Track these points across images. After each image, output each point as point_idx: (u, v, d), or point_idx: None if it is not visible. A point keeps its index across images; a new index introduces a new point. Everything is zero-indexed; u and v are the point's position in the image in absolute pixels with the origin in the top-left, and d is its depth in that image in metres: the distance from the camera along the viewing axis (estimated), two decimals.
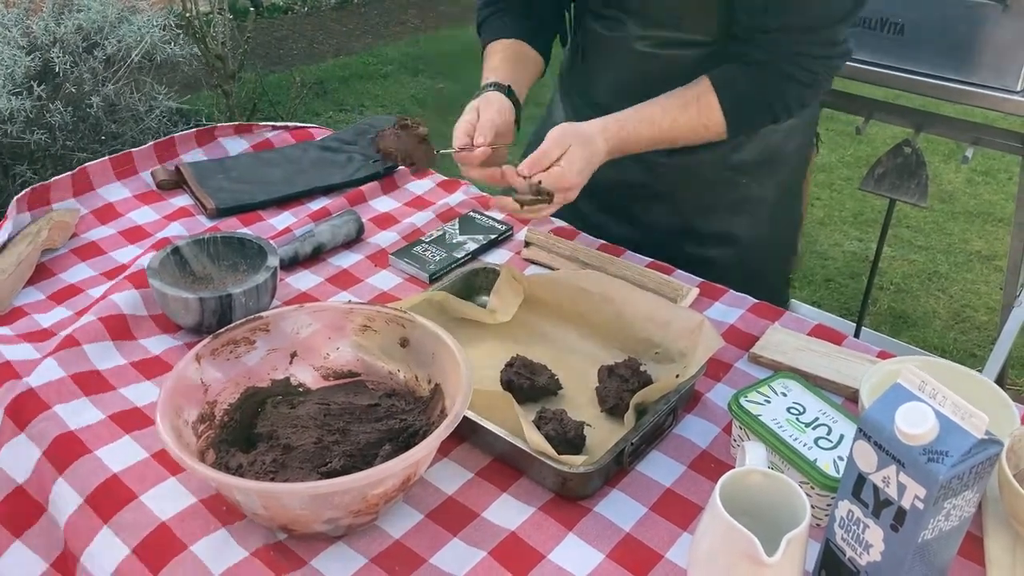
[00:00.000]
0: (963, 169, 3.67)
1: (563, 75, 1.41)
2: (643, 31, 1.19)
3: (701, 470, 0.89)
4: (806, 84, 1.11)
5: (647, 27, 1.19)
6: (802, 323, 1.11)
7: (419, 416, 0.88)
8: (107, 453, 0.86)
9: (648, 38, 1.19)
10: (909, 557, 0.65)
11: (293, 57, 4.90)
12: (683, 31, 1.17)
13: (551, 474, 0.83)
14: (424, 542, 0.80)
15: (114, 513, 0.80)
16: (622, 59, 1.23)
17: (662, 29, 1.18)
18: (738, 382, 1.01)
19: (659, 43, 1.19)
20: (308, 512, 0.75)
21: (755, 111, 1.13)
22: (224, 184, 1.38)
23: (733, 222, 1.32)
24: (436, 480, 0.87)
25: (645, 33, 1.19)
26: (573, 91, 1.37)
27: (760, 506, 0.73)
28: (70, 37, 2.78)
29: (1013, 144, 1.60)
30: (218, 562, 0.76)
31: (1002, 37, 1.43)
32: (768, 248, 1.37)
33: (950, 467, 0.61)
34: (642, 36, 1.20)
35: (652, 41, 1.19)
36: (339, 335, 0.95)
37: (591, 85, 1.31)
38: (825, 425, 0.85)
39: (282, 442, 0.85)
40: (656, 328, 1.02)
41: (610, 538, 0.81)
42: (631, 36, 1.20)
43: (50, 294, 1.14)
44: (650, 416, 0.88)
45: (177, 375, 0.83)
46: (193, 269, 1.12)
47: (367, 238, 1.29)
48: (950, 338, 2.68)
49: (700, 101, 1.11)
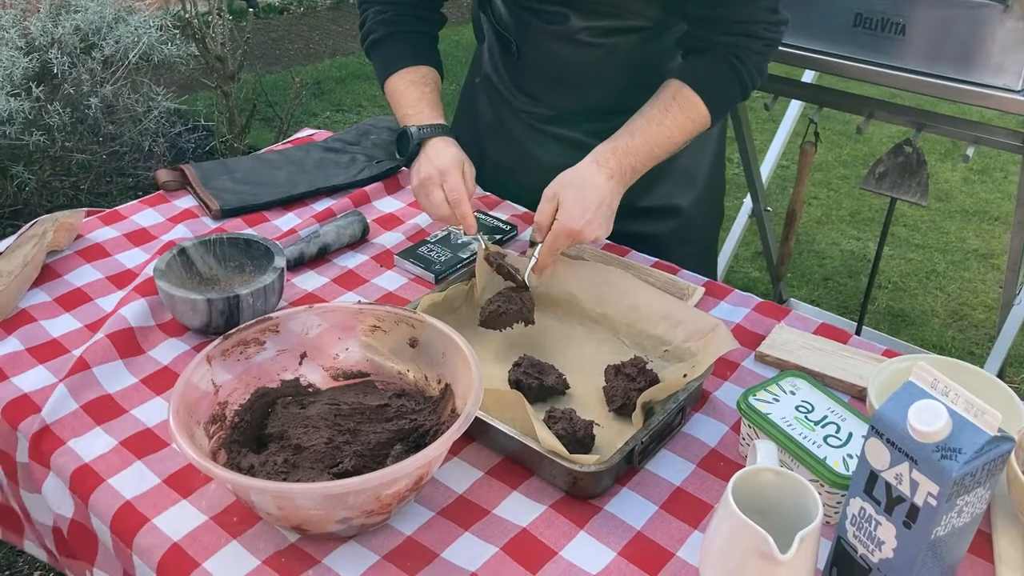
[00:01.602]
0: (960, 168, 3.68)
1: (487, 73, 1.42)
2: (586, 22, 1.21)
3: (710, 468, 0.89)
4: (761, 52, 1.16)
5: (590, 18, 1.20)
6: (807, 322, 1.11)
7: (429, 416, 0.88)
8: (120, 481, 0.86)
9: (591, 29, 1.21)
10: (922, 554, 0.66)
11: (290, 57, 4.89)
12: (625, 19, 1.20)
13: (562, 473, 0.84)
14: (436, 538, 0.80)
15: (131, 539, 0.81)
16: (563, 51, 1.25)
17: (605, 19, 1.20)
18: (745, 381, 1.01)
19: (601, 32, 1.21)
20: (322, 512, 0.75)
21: (728, 90, 1.17)
22: (228, 185, 1.38)
23: (675, 194, 1.36)
24: (446, 479, 0.87)
25: (588, 24, 1.21)
26: (504, 87, 1.38)
27: (772, 504, 0.73)
28: (68, 38, 2.77)
29: (1013, 143, 1.61)
30: (231, 574, 0.77)
31: (1002, 37, 1.43)
32: (705, 216, 1.43)
33: (963, 464, 0.61)
34: (585, 27, 1.21)
35: (595, 31, 1.21)
36: (348, 335, 0.95)
37: (528, 78, 1.33)
38: (834, 423, 0.86)
39: (293, 442, 0.85)
40: (669, 326, 1.02)
41: (621, 536, 0.81)
42: (573, 28, 1.21)
43: (56, 297, 1.14)
44: (659, 415, 0.88)
45: (188, 377, 0.83)
46: (199, 270, 1.12)
47: (372, 239, 1.29)
48: (948, 336, 2.69)
49: (677, 99, 1.13)
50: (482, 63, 1.43)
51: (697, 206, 1.40)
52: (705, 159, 1.38)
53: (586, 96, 1.29)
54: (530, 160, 1.36)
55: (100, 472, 0.87)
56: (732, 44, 1.14)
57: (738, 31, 1.14)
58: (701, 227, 1.44)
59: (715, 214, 1.49)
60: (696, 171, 1.37)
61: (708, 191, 1.41)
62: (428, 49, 1.28)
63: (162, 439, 0.92)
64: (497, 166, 1.43)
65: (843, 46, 1.61)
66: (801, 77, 2.06)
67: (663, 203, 1.36)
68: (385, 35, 1.27)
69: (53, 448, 0.90)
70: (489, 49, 1.40)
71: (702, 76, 1.15)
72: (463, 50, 4.96)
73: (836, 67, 1.64)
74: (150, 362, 1.03)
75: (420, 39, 1.28)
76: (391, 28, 1.27)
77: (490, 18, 1.35)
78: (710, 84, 1.14)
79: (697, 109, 1.14)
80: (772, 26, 1.15)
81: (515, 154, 1.39)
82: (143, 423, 0.94)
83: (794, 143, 2.36)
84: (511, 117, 1.38)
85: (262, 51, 4.89)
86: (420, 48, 1.27)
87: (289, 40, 5.19)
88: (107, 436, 0.92)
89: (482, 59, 1.43)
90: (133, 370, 1.01)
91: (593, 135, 1.17)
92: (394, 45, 1.27)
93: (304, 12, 5.65)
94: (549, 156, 1.32)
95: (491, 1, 1.33)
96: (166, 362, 1.03)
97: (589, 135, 1.23)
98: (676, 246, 1.36)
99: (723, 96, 1.17)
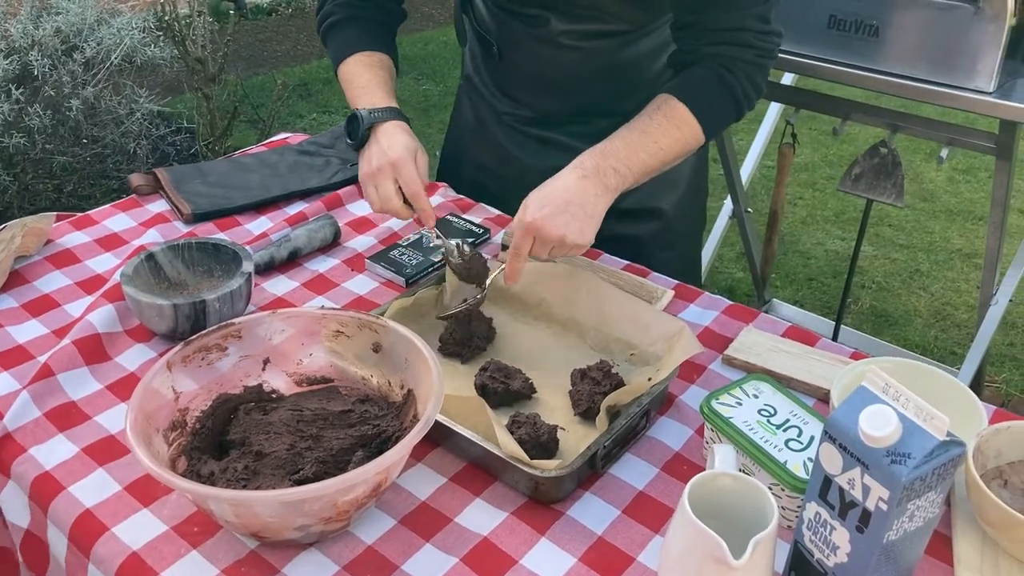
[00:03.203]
0: (945, 168, 3.70)
1: (469, 75, 1.41)
2: (567, 25, 1.20)
3: (674, 472, 0.89)
4: (753, 63, 1.10)
5: (571, 22, 1.19)
6: (776, 324, 1.12)
7: (392, 421, 0.88)
8: (80, 489, 0.86)
9: (572, 32, 1.20)
10: (875, 558, 0.66)
11: (277, 59, 4.88)
12: (607, 22, 1.19)
13: (524, 478, 0.84)
14: (397, 548, 0.80)
15: (90, 547, 0.80)
16: (545, 53, 1.24)
17: (586, 23, 1.19)
18: (711, 384, 1.01)
19: (583, 35, 1.20)
20: (279, 519, 0.75)
21: (717, 100, 1.11)
22: (201, 189, 1.38)
23: (656, 195, 1.34)
24: (409, 485, 0.87)
25: (569, 27, 1.20)
26: (485, 91, 1.38)
27: (729, 509, 0.73)
28: (48, 40, 2.76)
29: (987, 144, 1.62)
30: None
31: (974, 39, 1.44)
32: (687, 219, 1.41)
33: (912, 469, 0.62)
34: (566, 31, 1.20)
35: (576, 35, 1.20)
36: (312, 341, 0.94)
37: (510, 81, 1.33)
38: (796, 427, 0.86)
39: (254, 449, 0.85)
40: (636, 330, 1.02)
41: (582, 542, 0.81)
42: (555, 31, 1.20)
43: (24, 303, 1.13)
44: (623, 419, 0.88)
45: (147, 383, 0.82)
46: (168, 275, 1.12)
47: (344, 242, 1.29)
48: (931, 336, 2.70)
49: (662, 109, 1.08)
50: (464, 65, 1.43)
51: (679, 208, 1.39)
52: (687, 162, 1.34)
53: (568, 98, 1.29)
54: (512, 162, 1.36)
55: (60, 480, 0.86)
56: (719, 54, 1.10)
57: (726, 39, 1.09)
58: (683, 230, 1.43)
59: (698, 217, 1.48)
60: (678, 173, 1.35)
61: (691, 193, 1.40)
62: (385, 37, 1.25)
63: (125, 446, 0.91)
64: (479, 168, 1.42)
65: (818, 47, 1.62)
66: (780, 79, 2.06)
67: (644, 205, 1.34)
68: (344, 19, 1.24)
69: (14, 456, 0.89)
70: (471, 51, 1.40)
71: (688, 86, 1.11)
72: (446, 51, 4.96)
73: (812, 69, 1.64)
74: (116, 368, 1.02)
75: (377, 28, 1.25)
76: (350, 12, 1.24)
77: (471, 20, 1.34)
78: (697, 94, 1.10)
79: (684, 118, 1.08)
80: (763, 35, 1.09)
81: (497, 156, 1.39)
82: (106, 430, 0.93)
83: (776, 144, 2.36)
84: (493, 119, 1.38)
85: (249, 52, 4.88)
86: (377, 35, 1.24)
87: (277, 41, 5.18)
88: (69, 443, 0.91)
89: (464, 61, 1.43)
90: (99, 376, 1.01)
91: (575, 136, 1.16)
92: (351, 29, 1.23)
93: (292, 13, 5.64)
94: (531, 158, 1.33)
95: (472, 3, 1.33)
96: (132, 368, 1.02)
97: (572, 137, 1.23)
98: (658, 249, 1.35)
99: (712, 106, 1.11)
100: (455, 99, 1.50)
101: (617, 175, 1.04)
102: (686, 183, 1.38)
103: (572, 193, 1.00)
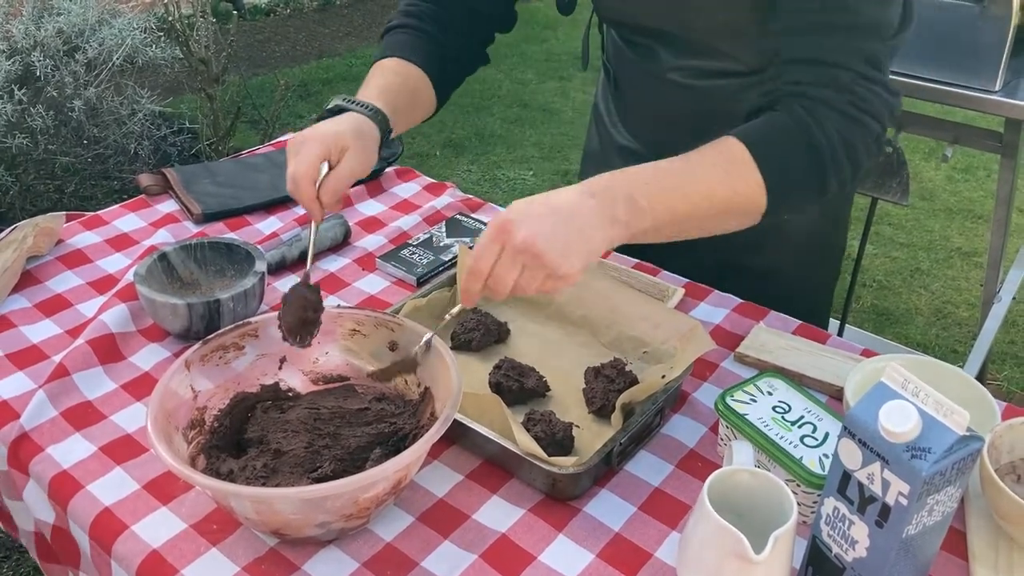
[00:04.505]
0: (944, 167, 3.71)
1: (597, 102, 1.33)
2: (677, 60, 1.09)
3: (689, 469, 0.89)
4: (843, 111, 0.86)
5: (681, 56, 1.08)
6: (787, 322, 1.12)
7: (409, 419, 0.89)
8: (98, 487, 0.86)
9: (682, 68, 1.09)
10: (894, 552, 0.66)
11: (276, 60, 4.88)
12: (719, 59, 1.06)
13: (541, 475, 0.84)
14: (416, 545, 0.81)
15: (110, 545, 0.81)
16: (656, 90, 1.13)
17: (697, 58, 1.07)
18: (724, 381, 1.02)
19: (695, 73, 1.09)
20: (300, 516, 0.75)
21: (788, 145, 0.87)
22: (210, 189, 1.38)
23: (777, 258, 1.21)
24: (427, 483, 0.87)
25: (679, 63, 1.09)
26: (607, 119, 1.29)
27: (747, 504, 0.74)
28: (51, 40, 2.76)
29: (992, 143, 1.63)
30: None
31: (979, 37, 1.44)
32: (809, 280, 1.26)
33: (932, 463, 0.62)
34: (676, 67, 1.09)
35: (687, 72, 1.09)
36: (328, 339, 0.95)
37: (627, 115, 1.23)
38: (810, 423, 0.86)
39: (272, 447, 0.85)
40: (648, 328, 1.03)
41: (600, 538, 0.81)
42: (664, 66, 1.10)
43: (36, 303, 1.13)
44: (638, 416, 0.89)
45: (166, 383, 0.83)
46: (180, 275, 1.12)
47: (354, 242, 1.29)
48: (932, 334, 2.71)
49: (717, 146, 0.86)
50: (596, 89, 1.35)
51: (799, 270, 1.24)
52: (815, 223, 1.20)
53: (680, 140, 0.95)
54: None
55: (79, 478, 0.87)
56: (803, 94, 0.87)
57: (815, 76, 0.87)
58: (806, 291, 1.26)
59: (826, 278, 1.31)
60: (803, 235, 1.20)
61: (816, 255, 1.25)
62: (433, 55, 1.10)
63: (142, 445, 0.92)
64: None
65: None
66: None
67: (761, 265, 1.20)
68: (405, 26, 1.11)
69: (32, 455, 0.90)
70: (600, 77, 1.32)
71: (754, 127, 0.88)
72: None
73: None
74: (130, 368, 1.03)
75: (430, 45, 1.11)
76: (415, 23, 1.11)
77: (601, 41, 1.26)
78: (762, 136, 0.87)
79: (738, 158, 0.85)
80: (865, 81, 0.86)
81: None
82: (123, 429, 0.94)
83: None
84: (613, 149, 1.28)
85: (248, 53, 4.88)
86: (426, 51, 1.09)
87: (275, 42, 5.18)
88: (86, 442, 0.91)
89: (596, 85, 1.35)
90: (113, 376, 1.01)
91: None
92: (405, 36, 1.11)
93: (290, 14, 5.63)
94: None
95: (602, 27, 1.24)
96: (147, 368, 1.03)
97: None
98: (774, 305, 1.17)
99: (778, 150, 0.86)
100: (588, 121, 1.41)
101: (631, 205, 0.80)
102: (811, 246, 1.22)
103: (566, 204, 0.78)
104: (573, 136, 3.97)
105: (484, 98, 4.34)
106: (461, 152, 3.79)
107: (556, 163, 3.75)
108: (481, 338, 1.04)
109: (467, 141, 3.88)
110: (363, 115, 0.95)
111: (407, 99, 1.05)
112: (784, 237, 1.20)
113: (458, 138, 3.90)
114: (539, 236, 0.74)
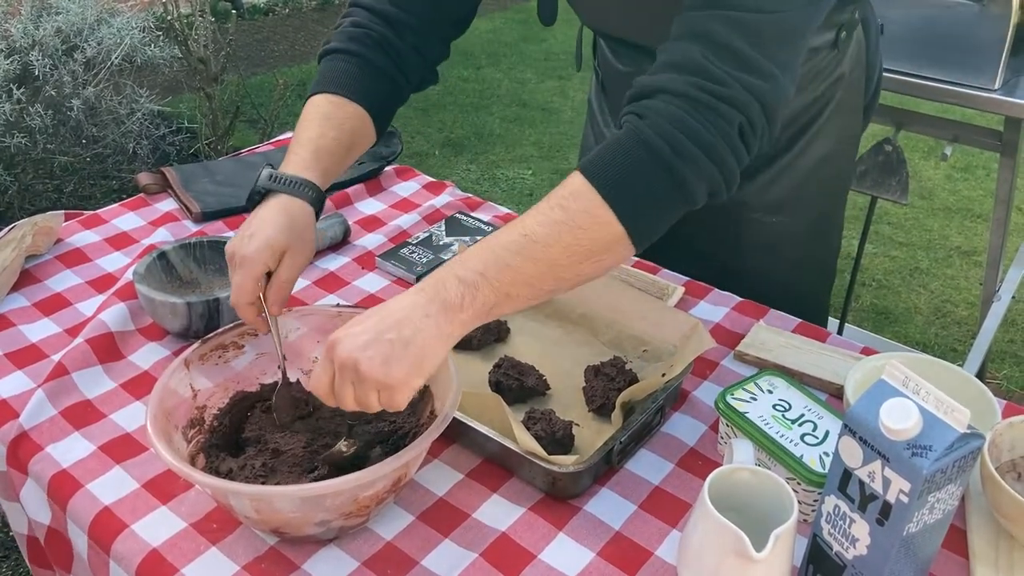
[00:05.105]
0: (942, 166, 3.71)
1: (590, 100, 1.32)
2: None
3: (689, 467, 0.89)
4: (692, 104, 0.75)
5: None
6: (786, 320, 1.12)
7: (408, 418, 0.88)
8: (98, 487, 0.86)
9: None
10: (894, 550, 0.66)
11: (275, 59, 4.87)
12: None
13: (541, 474, 0.84)
14: (416, 544, 0.80)
15: (110, 545, 0.80)
16: None
17: None
18: (724, 380, 1.02)
19: None
20: (299, 515, 0.75)
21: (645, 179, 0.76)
22: (209, 188, 1.38)
23: (767, 260, 1.22)
24: (427, 482, 0.87)
25: None
26: (600, 119, 1.29)
27: (748, 502, 0.74)
28: (49, 40, 2.76)
29: (991, 141, 1.63)
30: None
31: (979, 36, 1.44)
32: (803, 279, 1.27)
33: (933, 461, 0.62)
34: None
35: None
36: (326, 338, 0.94)
37: (616, 116, 1.15)
38: (811, 421, 0.86)
39: (271, 446, 0.85)
40: (648, 326, 1.03)
41: (600, 536, 0.81)
42: None
43: (35, 301, 1.13)
44: (638, 415, 0.89)
45: (166, 382, 0.83)
46: (180, 274, 1.12)
47: (353, 240, 1.29)
48: (931, 333, 2.71)
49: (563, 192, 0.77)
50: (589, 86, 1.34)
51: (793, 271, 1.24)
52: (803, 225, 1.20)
53: None
54: None
55: (78, 477, 0.87)
56: (634, 95, 0.80)
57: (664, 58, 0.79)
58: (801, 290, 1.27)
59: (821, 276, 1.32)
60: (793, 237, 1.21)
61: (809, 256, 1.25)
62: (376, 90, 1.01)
63: (141, 444, 0.91)
64: None
65: None
66: None
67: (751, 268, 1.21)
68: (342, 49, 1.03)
69: (31, 454, 0.90)
70: (593, 75, 1.31)
71: (592, 152, 0.79)
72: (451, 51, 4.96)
73: None
74: (130, 367, 1.02)
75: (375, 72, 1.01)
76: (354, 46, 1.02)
77: (593, 40, 1.25)
78: (594, 156, 0.78)
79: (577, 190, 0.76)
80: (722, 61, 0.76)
81: None
82: (122, 428, 0.94)
83: None
84: None
85: (247, 52, 4.88)
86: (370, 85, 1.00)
87: (274, 41, 5.18)
88: (85, 441, 0.91)
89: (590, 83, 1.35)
90: (112, 375, 1.01)
91: None
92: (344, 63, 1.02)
93: (289, 13, 5.63)
94: None
95: None
96: (146, 367, 1.03)
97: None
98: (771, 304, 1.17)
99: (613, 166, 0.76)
100: None
101: (463, 286, 0.73)
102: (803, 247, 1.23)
103: (393, 312, 0.74)
104: (572, 135, 3.96)
105: (483, 97, 4.34)
106: (460, 151, 3.79)
107: (555, 162, 3.75)
108: (481, 337, 1.03)
109: (466, 140, 3.88)
110: (297, 197, 0.90)
111: (342, 155, 0.98)
112: (769, 242, 1.20)
113: (457, 137, 3.90)
114: (356, 352, 0.72)
